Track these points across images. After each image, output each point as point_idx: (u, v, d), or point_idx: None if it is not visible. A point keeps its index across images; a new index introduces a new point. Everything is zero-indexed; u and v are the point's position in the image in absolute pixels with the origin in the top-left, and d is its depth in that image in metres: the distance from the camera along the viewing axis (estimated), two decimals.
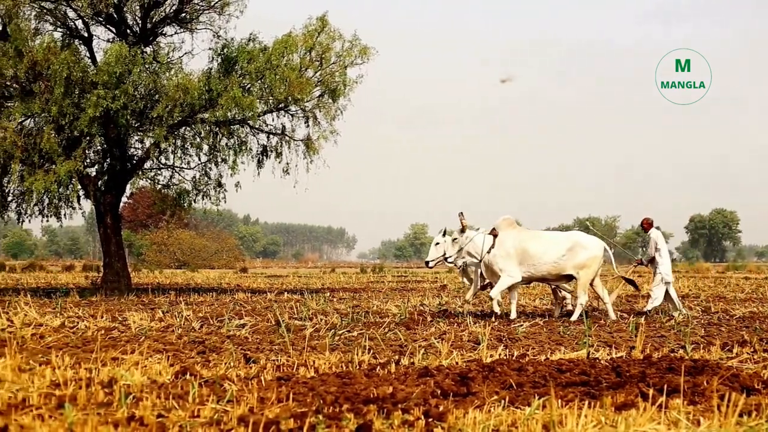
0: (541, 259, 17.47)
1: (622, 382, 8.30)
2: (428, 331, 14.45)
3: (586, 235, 18.19)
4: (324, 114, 29.32)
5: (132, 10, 28.92)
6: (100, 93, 25.37)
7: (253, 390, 7.77)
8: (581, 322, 16.05)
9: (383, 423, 6.54)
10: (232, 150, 29.88)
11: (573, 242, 17.64)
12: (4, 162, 26.43)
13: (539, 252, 17.51)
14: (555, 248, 17.56)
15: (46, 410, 6.79)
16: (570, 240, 17.74)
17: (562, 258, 17.48)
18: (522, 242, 17.61)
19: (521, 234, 17.90)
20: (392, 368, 9.54)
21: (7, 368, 9.01)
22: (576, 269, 17.52)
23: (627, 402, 7.20)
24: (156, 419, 6.54)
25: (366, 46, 28.83)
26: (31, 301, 20.43)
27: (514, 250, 17.53)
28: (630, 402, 7.20)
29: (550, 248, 17.56)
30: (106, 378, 8.62)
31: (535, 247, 17.56)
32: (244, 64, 27.68)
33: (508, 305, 18.77)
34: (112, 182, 29.44)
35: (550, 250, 17.53)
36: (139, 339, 12.86)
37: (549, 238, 18.08)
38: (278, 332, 13.52)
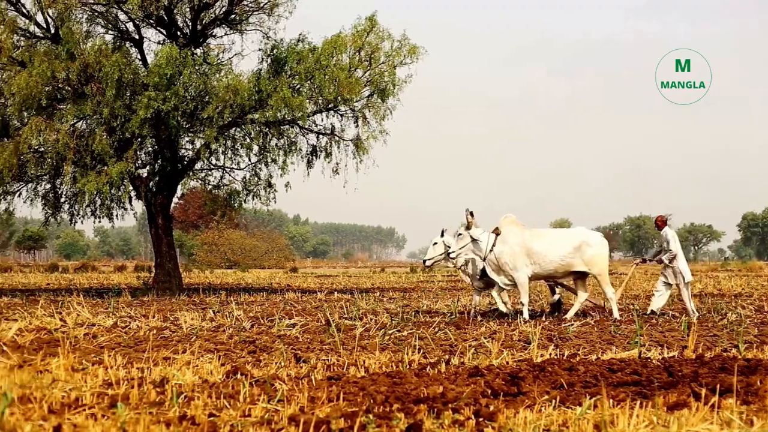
0: (548, 257, 17.39)
1: (674, 382, 8.22)
2: (478, 331, 14.41)
3: (592, 232, 18.07)
4: (373, 114, 29.33)
5: (182, 12, 29.09)
6: (151, 95, 25.53)
7: (303, 389, 7.78)
8: (632, 320, 15.94)
9: (433, 423, 6.53)
10: (282, 150, 29.97)
11: (580, 240, 17.56)
12: (57, 164, 26.71)
13: (545, 249, 17.43)
14: (562, 245, 17.49)
15: (98, 409, 6.83)
16: (577, 237, 17.64)
17: (569, 255, 17.41)
18: (527, 240, 17.53)
19: (525, 232, 17.79)
20: (442, 368, 9.52)
21: (61, 368, 9.10)
22: (587, 266, 17.46)
23: (679, 402, 7.13)
24: (207, 418, 6.57)
25: (415, 46, 28.80)
26: (83, 301, 20.62)
27: (520, 248, 17.45)
28: (682, 402, 7.12)
29: (557, 245, 17.49)
30: (158, 377, 8.67)
31: (540, 244, 17.48)
32: (293, 65, 27.74)
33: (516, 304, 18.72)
34: (164, 183, 29.63)
35: (557, 248, 17.45)
36: (190, 339, 12.93)
37: (554, 235, 18.05)
38: (328, 332, 13.54)
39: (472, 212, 17.87)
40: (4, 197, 29.81)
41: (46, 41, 27.67)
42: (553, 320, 16.86)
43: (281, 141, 29.87)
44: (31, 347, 11.68)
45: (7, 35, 26.59)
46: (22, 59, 26.49)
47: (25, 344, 12.06)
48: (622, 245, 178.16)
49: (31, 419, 6.45)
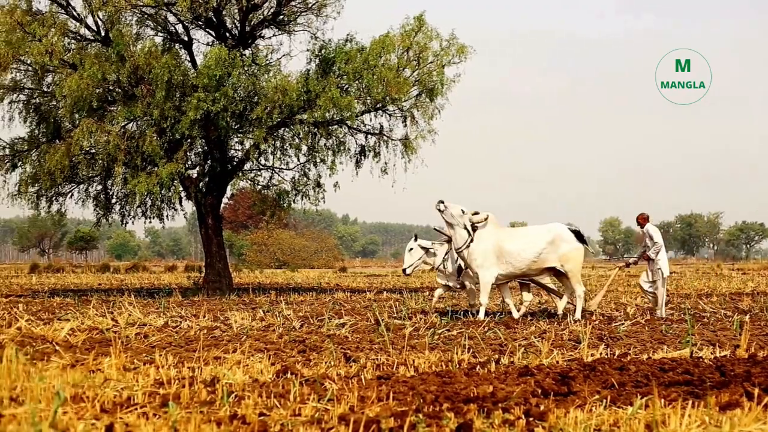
0: (521, 255, 17.21)
1: (727, 382, 8.14)
2: (528, 330, 14.37)
3: (567, 228, 17.85)
4: (422, 113, 29.28)
5: (231, 14, 29.22)
6: (201, 96, 25.68)
7: (353, 389, 7.79)
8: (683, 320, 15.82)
9: (483, 422, 6.51)
10: (331, 150, 30.02)
11: (554, 235, 17.35)
12: (108, 165, 26.96)
13: (518, 248, 17.26)
14: (535, 243, 17.30)
15: (150, 409, 6.89)
16: (551, 233, 17.43)
17: (543, 251, 17.23)
18: (500, 240, 17.35)
19: (499, 231, 17.64)
20: (492, 367, 9.50)
21: (113, 367, 9.18)
22: (560, 262, 17.27)
23: (732, 402, 7.06)
24: (258, 418, 6.60)
25: (463, 45, 28.69)
26: (135, 301, 20.79)
27: (492, 247, 17.30)
28: (735, 402, 7.06)
29: (531, 243, 17.31)
30: (209, 377, 8.73)
31: (513, 243, 17.32)
32: (341, 65, 27.76)
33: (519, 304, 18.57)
34: (213, 184, 29.78)
35: (532, 245, 17.27)
36: (240, 338, 13.00)
37: (528, 233, 17.82)
38: (378, 331, 13.55)
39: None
40: (56, 198, 30.11)
41: (97, 44, 27.91)
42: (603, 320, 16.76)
43: (330, 141, 29.92)
44: (83, 347, 11.80)
45: (58, 38, 26.85)
46: (73, 62, 26.73)
47: (78, 344, 12.19)
48: (673, 244, 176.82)
49: (83, 418, 6.51)
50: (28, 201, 29.40)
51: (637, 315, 17.55)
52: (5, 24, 26.68)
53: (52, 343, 12.09)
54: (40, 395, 7.35)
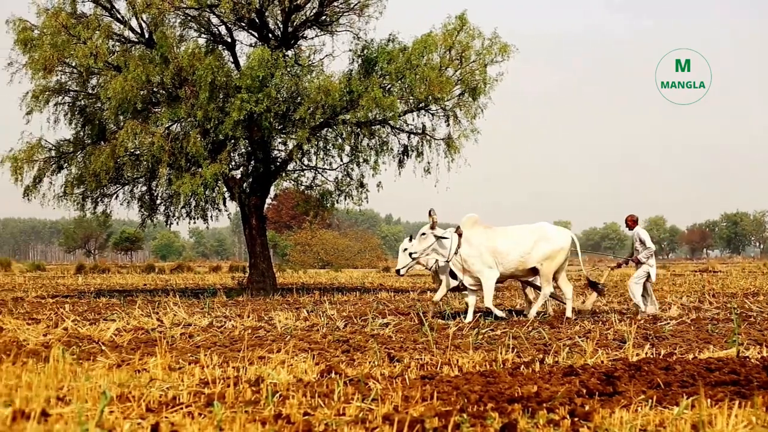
0: (510, 255, 17.04)
1: None
2: (572, 330, 14.30)
3: (553, 227, 17.64)
4: (464, 113, 29.18)
5: (273, 15, 29.31)
6: (244, 97, 25.77)
7: (397, 389, 7.79)
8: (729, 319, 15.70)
9: (528, 422, 6.50)
10: (374, 150, 30.02)
11: (538, 235, 17.17)
12: (153, 166, 27.12)
13: (507, 248, 17.08)
14: (523, 242, 17.13)
15: (195, 408, 6.93)
16: (536, 233, 17.25)
17: (529, 251, 17.08)
18: (490, 239, 17.16)
19: (488, 232, 17.44)
20: (536, 367, 9.47)
21: (158, 367, 9.24)
22: (539, 261, 17.08)
23: None
24: (302, 417, 6.62)
25: (506, 44, 28.58)
26: (179, 301, 20.93)
27: (485, 248, 17.11)
28: None
29: (519, 243, 17.13)
30: (253, 376, 8.76)
31: (503, 243, 17.13)
32: (384, 65, 27.76)
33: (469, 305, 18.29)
34: (257, 184, 29.88)
35: (519, 245, 17.10)
36: (284, 338, 13.04)
37: (516, 232, 17.55)
38: (421, 331, 13.54)
39: (431, 210, 17.69)
40: (101, 199, 30.34)
41: (141, 46, 28.08)
42: (648, 319, 16.65)
43: (373, 141, 29.93)
44: (129, 347, 11.89)
45: (102, 41, 27.06)
46: (118, 64, 26.91)
47: (123, 344, 12.29)
48: (718, 242, 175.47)
49: (129, 417, 6.57)
50: (73, 202, 29.65)
51: (683, 315, 17.42)
52: (50, 27, 26.92)
53: (98, 343, 12.20)
54: (87, 395, 7.41)
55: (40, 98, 28.49)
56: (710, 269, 54.01)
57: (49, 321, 16.21)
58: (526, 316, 17.44)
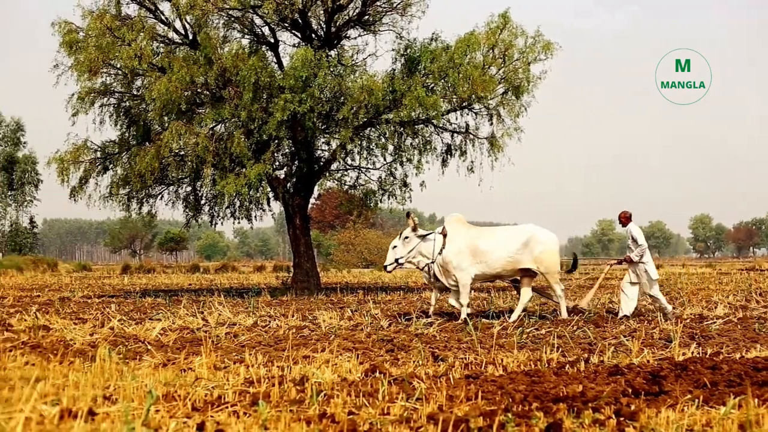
0: (494, 255, 16.81)
1: None
2: (618, 329, 14.21)
3: (541, 229, 17.36)
4: (508, 111, 29.10)
5: (316, 15, 29.37)
6: (287, 97, 25.84)
7: (441, 388, 7.79)
8: None
9: (573, 422, 6.47)
10: (417, 149, 30.02)
11: (528, 236, 16.96)
12: (197, 166, 27.24)
13: (491, 248, 16.87)
14: (508, 243, 16.90)
15: (240, 407, 6.96)
16: (525, 234, 17.04)
17: (517, 252, 16.85)
18: (472, 239, 16.99)
19: (471, 231, 17.27)
20: (581, 366, 9.43)
21: (203, 366, 9.29)
22: (536, 263, 16.87)
23: None
24: (347, 416, 6.63)
25: (549, 42, 28.45)
26: (224, 301, 21.02)
27: (466, 247, 16.93)
28: None
29: (504, 243, 16.91)
30: (298, 376, 8.78)
31: (486, 243, 16.92)
32: (427, 64, 27.73)
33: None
34: (300, 184, 29.95)
35: (505, 245, 16.88)
36: (329, 337, 13.06)
37: (502, 233, 17.38)
38: (466, 330, 13.52)
39: (408, 213, 17.59)
40: (146, 200, 30.55)
41: (185, 47, 28.25)
42: (689, 318, 16.52)
43: (416, 140, 29.92)
44: (174, 346, 11.96)
45: (147, 42, 27.26)
46: (162, 65, 27.09)
47: (169, 343, 12.36)
48: (765, 240, 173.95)
49: (175, 416, 6.60)
50: (119, 203, 29.89)
51: (729, 314, 17.25)
52: (95, 29, 27.16)
53: (144, 343, 12.28)
54: (133, 394, 7.47)
55: (85, 100, 28.75)
56: (757, 267, 53.46)
57: (96, 321, 16.34)
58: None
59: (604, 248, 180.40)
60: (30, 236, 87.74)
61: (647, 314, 17.26)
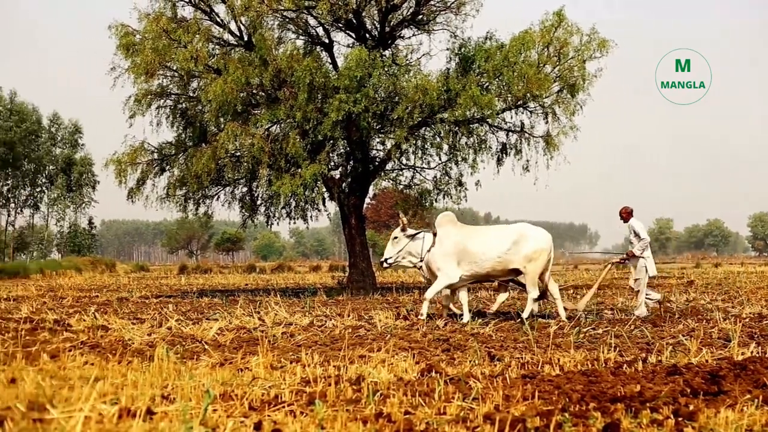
0: (484, 255, 16.54)
1: None
2: (676, 328, 14.09)
3: (532, 228, 17.08)
4: (563, 109, 28.93)
5: (370, 15, 29.41)
6: (342, 97, 25.89)
7: (498, 388, 7.77)
8: None
9: (631, 422, 6.43)
10: (472, 149, 29.95)
11: (518, 235, 16.67)
12: (253, 167, 27.39)
13: (481, 248, 16.60)
14: (498, 243, 16.61)
15: (297, 407, 6.98)
16: (515, 233, 16.75)
17: (507, 252, 16.55)
18: (462, 239, 16.74)
19: (461, 231, 17.03)
20: (639, 366, 9.36)
21: (260, 366, 9.33)
22: (524, 263, 16.57)
23: None
24: (403, 416, 6.63)
25: (604, 39, 28.26)
26: (281, 301, 21.09)
27: (454, 247, 16.68)
28: None
29: (494, 243, 16.62)
30: (354, 375, 8.79)
31: (476, 243, 16.65)
32: (481, 63, 27.68)
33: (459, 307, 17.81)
34: (356, 184, 30.01)
35: (494, 245, 16.59)
36: (385, 337, 13.06)
37: (492, 233, 17.10)
38: (522, 330, 13.48)
39: (399, 213, 17.40)
40: (203, 201, 30.79)
41: (240, 48, 28.42)
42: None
43: (471, 139, 29.84)
44: (231, 346, 12.03)
45: (202, 44, 27.48)
46: (218, 67, 27.28)
47: (226, 343, 12.43)
48: None
49: (232, 416, 6.64)
50: (176, 204, 30.15)
51: None
52: (152, 32, 27.41)
53: (201, 343, 12.36)
54: (191, 393, 7.52)
55: (142, 102, 29.02)
56: None
57: (154, 321, 16.47)
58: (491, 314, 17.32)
59: (661, 247, 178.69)
60: (88, 237, 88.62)
61: (705, 313, 17.08)
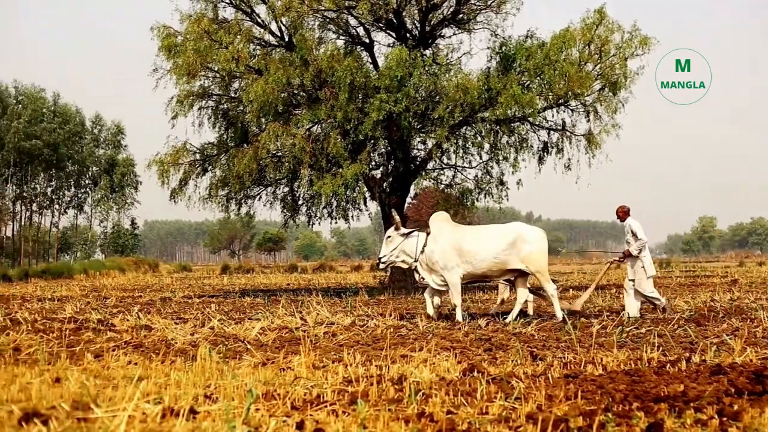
0: (479, 255, 16.34)
1: None
2: (719, 328, 13.96)
3: (528, 227, 16.91)
4: (605, 108, 28.80)
5: (411, 14, 29.43)
6: (383, 97, 25.91)
7: (540, 387, 7.74)
8: None
9: (674, 422, 6.38)
10: (513, 148, 29.90)
11: (514, 235, 16.47)
12: (294, 167, 27.48)
13: (476, 248, 16.40)
14: (494, 242, 16.41)
15: (339, 406, 6.99)
16: (511, 233, 16.55)
17: (503, 252, 16.37)
18: (457, 238, 16.55)
19: (456, 230, 16.85)
20: (683, 366, 9.29)
21: (302, 365, 9.36)
22: (524, 263, 16.38)
23: None
24: (445, 416, 6.62)
25: (646, 37, 28.09)
26: (322, 300, 21.12)
27: (450, 245, 16.52)
28: None
29: (489, 243, 16.42)
30: (396, 375, 8.80)
31: (471, 243, 16.45)
32: (522, 61, 27.61)
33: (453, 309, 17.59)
34: (397, 183, 30.01)
35: (490, 245, 16.39)
36: (426, 337, 13.05)
37: (487, 232, 16.88)
38: (564, 329, 13.42)
39: (392, 211, 17.24)
40: (245, 201, 30.94)
41: (281, 49, 28.54)
42: None
43: (512, 138, 29.78)
44: (273, 345, 12.07)
45: (243, 45, 27.61)
46: (259, 67, 27.39)
47: (268, 343, 12.48)
48: None
49: (275, 415, 6.66)
50: (218, 204, 30.33)
51: None
52: (193, 33, 27.58)
53: (243, 342, 12.42)
54: (233, 393, 7.56)
55: (184, 103, 29.20)
56: None
57: (196, 320, 16.54)
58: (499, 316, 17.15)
59: (705, 246, 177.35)
60: (131, 238, 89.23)
61: (749, 312, 16.93)
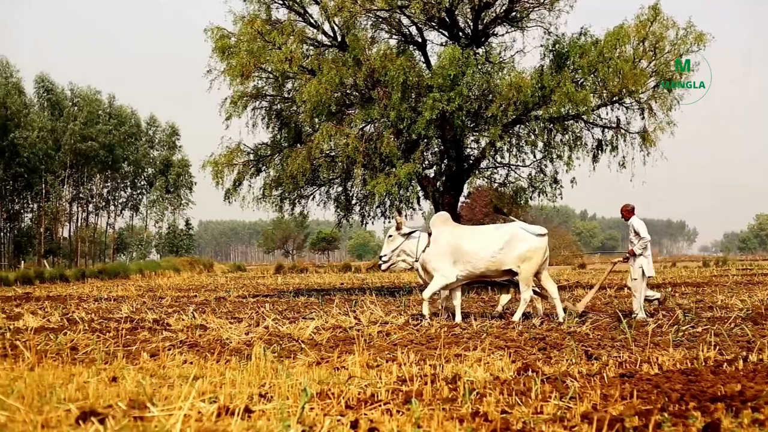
0: (478, 255, 16.19)
1: None
2: None
3: (526, 226, 16.68)
4: (660, 105, 28.58)
5: (463, 13, 29.39)
6: (436, 96, 25.89)
7: (595, 387, 7.70)
8: None
9: (732, 422, 6.31)
10: (567, 146, 29.75)
11: (511, 235, 16.30)
12: (348, 167, 27.56)
13: (475, 248, 16.25)
14: (491, 242, 16.25)
15: (393, 405, 6.99)
16: (508, 233, 16.37)
17: (500, 252, 16.18)
18: (456, 239, 16.40)
19: (456, 231, 16.71)
20: (740, 365, 9.19)
21: (356, 365, 9.38)
22: (517, 263, 16.22)
23: None
24: (499, 415, 6.60)
25: (701, 33, 27.83)
26: (376, 300, 21.16)
27: (449, 247, 16.34)
28: None
29: (487, 243, 16.26)
30: (450, 374, 8.79)
31: (470, 243, 16.31)
32: (575, 59, 27.44)
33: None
34: (450, 182, 29.97)
35: (487, 245, 16.23)
36: (480, 336, 13.02)
37: (485, 232, 16.74)
38: (619, 328, 13.34)
39: (399, 210, 17.05)
40: (298, 201, 31.06)
41: (333, 49, 28.60)
42: None
43: (566, 136, 29.65)
44: (327, 345, 12.10)
45: (296, 45, 27.70)
46: (312, 68, 27.49)
47: (322, 342, 12.51)
48: None
49: (329, 414, 6.68)
50: (272, 204, 30.48)
51: None
52: (246, 34, 27.73)
53: (297, 342, 12.46)
54: (288, 392, 7.59)
55: (238, 104, 29.38)
56: None
57: (251, 320, 16.62)
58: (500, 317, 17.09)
59: (761, 243, 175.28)
60: (186, 238, 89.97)
61: None
